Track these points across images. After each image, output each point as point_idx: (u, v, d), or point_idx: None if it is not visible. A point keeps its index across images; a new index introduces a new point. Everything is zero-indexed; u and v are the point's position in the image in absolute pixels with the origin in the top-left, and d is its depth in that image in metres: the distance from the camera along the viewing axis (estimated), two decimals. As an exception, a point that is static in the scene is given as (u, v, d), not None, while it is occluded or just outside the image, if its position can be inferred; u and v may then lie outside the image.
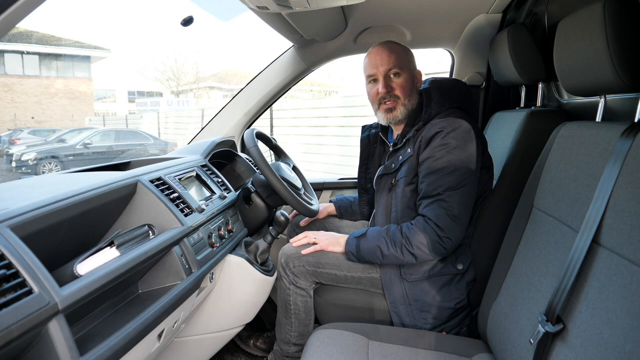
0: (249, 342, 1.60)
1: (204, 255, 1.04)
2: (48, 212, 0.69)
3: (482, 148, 1.18)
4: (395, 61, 1.22)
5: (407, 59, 1.25)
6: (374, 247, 1.17)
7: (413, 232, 1.12)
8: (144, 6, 36.11)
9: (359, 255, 1.20)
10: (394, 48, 1.24)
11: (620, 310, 0.63)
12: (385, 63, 1.22)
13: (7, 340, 0.52)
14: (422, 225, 1.11)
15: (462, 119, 1.14)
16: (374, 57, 1.24)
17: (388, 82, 1.23)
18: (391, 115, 1.24)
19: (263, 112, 1.91)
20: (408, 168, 1.19)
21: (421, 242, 1.10)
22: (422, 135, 1.17)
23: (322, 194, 1.97)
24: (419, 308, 1.17)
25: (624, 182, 0.68)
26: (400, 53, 1.24)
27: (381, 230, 1.19)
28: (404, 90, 1.22)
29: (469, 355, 1.00)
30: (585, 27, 0.81)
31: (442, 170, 1.11)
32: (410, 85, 1.24)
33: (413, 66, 1.27)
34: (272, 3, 1.06)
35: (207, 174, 1.31)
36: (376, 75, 1.24)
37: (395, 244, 1.14)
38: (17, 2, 0.54)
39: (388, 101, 1.23)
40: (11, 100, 14.24)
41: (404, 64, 1.23)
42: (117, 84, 21.71)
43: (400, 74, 1.22)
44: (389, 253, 1.15)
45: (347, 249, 1.23)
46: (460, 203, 1.10)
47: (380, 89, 1.23)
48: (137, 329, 0.75)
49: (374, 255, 1.17)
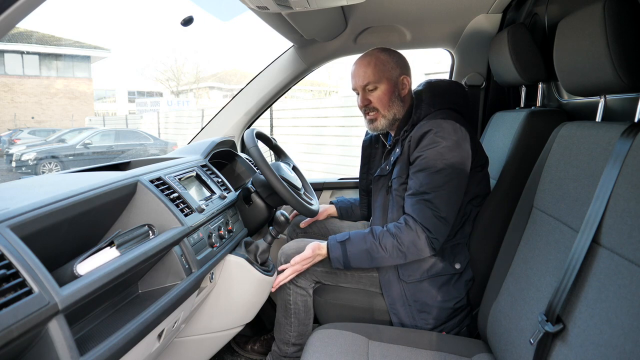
0: (246, 347, 1.60)
1: (204, 255, 1.04)
2: (48, 212, 0.69)
3: (474, 148, 1.18)
4: (370, 76, 1.24)
5: (385, 70, 1.24)
6: (362, 252, 1.15)
7: (403, 232, 1.11)
8: (144, 6, 36.15)
9: (346, 260, 1.17)
10: (370, 61, 1.25)
11: (620, 310, 0.63)
12: (361, 79, 1.26)
13: (7, 340, 0.52)
14: (412, 225, 1.11)
15: (450, 119, 1.14)
16: (353, 71, 1.29)
17: (365, 96, 1.27)
18: (372, 126, 1.30)
19: (263, 112, 1.91)
20: (400, 168, 1.20)
21: (412, 241, 1.10)
22: (411, 135, 1.18)
23: (322, 194, 1.97)
24: (418, 309, 1.17)
25: (624, 182, 0.68)
26: (377, 65, 1.24)
27: (366, 234, 1.16)
28: (382, 102, 1.25)
29: (469, 355, 1.00)
30: (585, 27, 0.81)
31: (429, 169, 1.11)
32: (389, 95, 1.25)
33: (395, 74, 1.26)
34: (272, 3, 1.06)
35: (207, 174, 1.31)
36: (356, 88, 1.30)
37: (386, 246, 1.12)
38: (17, 2, 0.54)
39: (369, 113, 1.28)
40: (11, 100, 14.24)
41: (381, 76, 1.24)
42: (117, 84, 21.75)
43: (376, 88, 1.25)
44: (379, 256, 1.13)
45: (333, 256, 1.18)
46: (447, 203, 1.11)
47: (359, 103, 1.29)
48: (137, 329, 0.75)
49: (362, 259, 1.15)
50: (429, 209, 1.10)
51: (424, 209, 1.10)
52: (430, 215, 1.10)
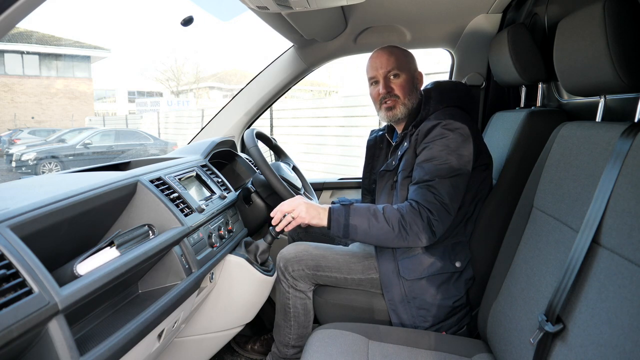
0: (246, 346, 1.60)
1: (204, 255, 1.04)
2: (48, 212, 0.69)
3: (479, 146, 1.18)
4: (394, 63, 1.26)
5: (407, 61, 1.28)
6: (363, 219, 1.11)
7: (407, 210, 1.10)
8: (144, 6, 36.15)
9: (346, 224, 1.12)
10: (393, 51, 1.28)
11: (620, 310, 0.62)
12: (385, 65, 1.26)
13: (7, 340, 0.52)
14: (415, 205, 1.10)
15: (458, 116, 1.16)
16: (374, 60, 1.29)
17: (387, 83, 1.27)
18: (391, 113, 1.28)
19: (263, 112, 1.91)
20: (406, 161, 1.21)
21: (414, 220, 1.08)
22: (419, 129, 1.19)
23: (322, 194, 1.97)
24: (417, 306, 1.17)
25: (624, 182, 0.68)
26: (399, 55, 1.28)
27: (369, 205, 1.15)
28: (404, 89, 1.26)
29: (469, 355, 1.00)
30: (585, 27, 0.81)
31: (435, 159, 1.12)
32: (410, 85, 1.28)
33: (413, 67, 1.30)
34: (272, 3, 1.06)
35: (207, 174, 1.31)
36: (377, 77, 1.29)
37: (389, 218, 1.09)
38: (17, 2, 0.54)
39: (388, 100, 1.27)
40: (11, 100, 14.24)
41: (403, 66, 1.27)
42: (117, 84, 21.74)
43: (399, 75, 1.26)
44: (379, 226, 1.09)
45: (334, 216, 1.13)
46: (449, 194, 1.10)
47: (381, 89, 1.27)
48: (137, 329, 0.75)
49: (363, 227, 1.11)
50: (431, 192, 1.10)
51: (427, 192, 1.10)
52: (432, 198, 1.09)
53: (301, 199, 1.17)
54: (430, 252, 1.18)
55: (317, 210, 1.15)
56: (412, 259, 1.18)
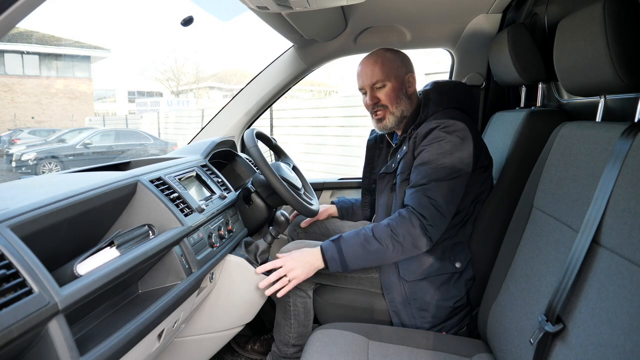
0: (246, 346, 1.60)
1: (204, 255, 1.04)
2: (48, 212, 0.69)
3: (479, 148, 1.18)
4: (378, 74, 1.25)
5: (393, 67, 1.26)
6: (357, 246, 1.10)
7: (398, 222, 1.09)
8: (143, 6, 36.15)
9: (342, 260, 1.11)
10: (377, 60, 1.26)
11: (620, 310, 0.62)
12: (369, 77, 1.27)
13: (7, 340, 0.52)
14: (406, 214, 1.09)
15: (457, 118, 1.15)
16: (360, 70, 1.30)
17: (374, 94, 1.27)
18: (382, 124, 1.30)
19: (263, 112, 1.91)
20: (404, 164, 1.20)
21: (407, 231, 1.07)
22: (418, 132, 1.18)
23: (322, 194, 1.97)
24: (417, 307, 1.17)
25: (624, 182, 0.68)
26: (384, 63, 1.25)
27: (359, 229, 1.14)
28: (390, 98, 1.26)
29: (469, 355, 1.00)
30: (585, 27, 0.81)
31: (431, 162, 1.11)
32: (398, 92, 1.26)
33: (402, 72, 1.27)
34: (272, 3, 1.06)
35: (207, 174, 1.31)
36: (364, 88, 1.30)
37: (380, 238, 1.09)
38: (17, 2, 0.54)
39: (378, 111, 1.28)
40: (11, 100, 14.24)
41: (389, 74, 1.25)
42: (117, 84, 21.75)
43: (384, 85, 1.26)
44: (375, 249, 1.08)
45: (329, 255, 1.12)
46: (445, 197, 1.09)
47: (368, 101, 1.29)
48: (137, 329, 0.75)
49: (359, 256, 1.10)
50: (426, 196, 1.09)
51: (421, 197, 1.09)
52: (426, 203, 1.08)
53: (289, 258, 1.14)
54: (430, 253, 1.18)
55: (309, 260, 1.13)
56: (412, 260, 1.18)
